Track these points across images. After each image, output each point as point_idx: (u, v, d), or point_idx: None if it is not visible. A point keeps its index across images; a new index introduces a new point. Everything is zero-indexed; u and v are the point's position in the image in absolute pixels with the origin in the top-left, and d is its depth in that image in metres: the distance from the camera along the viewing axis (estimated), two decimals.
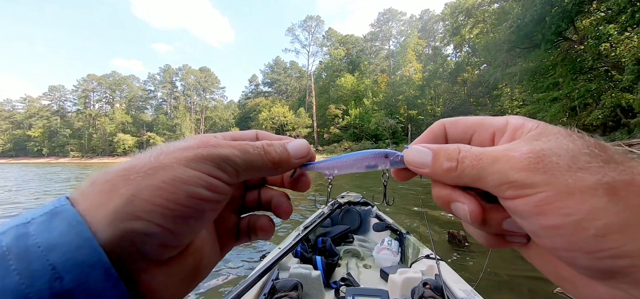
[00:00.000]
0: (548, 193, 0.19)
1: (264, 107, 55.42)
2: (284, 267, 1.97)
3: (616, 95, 12.26)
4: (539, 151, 0.21)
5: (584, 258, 0.19)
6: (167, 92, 73.88)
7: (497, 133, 0.27)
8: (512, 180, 0.21)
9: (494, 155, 0.23)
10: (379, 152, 0.31)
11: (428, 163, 0.26)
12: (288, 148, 0.29)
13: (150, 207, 0.20)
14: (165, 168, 0.22)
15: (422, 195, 6.70)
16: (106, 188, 0.20)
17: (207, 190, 0.23)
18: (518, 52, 17.64)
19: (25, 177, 18.39)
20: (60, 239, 0.18)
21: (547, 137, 0.22)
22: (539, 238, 0.22)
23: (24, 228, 0.18)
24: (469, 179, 0.24)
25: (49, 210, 0.19)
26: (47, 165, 43.13)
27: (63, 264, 0.17)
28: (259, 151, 0.27)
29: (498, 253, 3.91)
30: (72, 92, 74.10)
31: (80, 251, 0.18)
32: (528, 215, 0.21)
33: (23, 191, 11.40)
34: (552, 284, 2.43)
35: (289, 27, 60.95)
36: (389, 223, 2.89)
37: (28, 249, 0.17)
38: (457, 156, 0.25)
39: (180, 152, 0.23)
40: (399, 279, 1.73)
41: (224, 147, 0.25)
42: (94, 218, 0.19)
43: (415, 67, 48.61)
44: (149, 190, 0.20)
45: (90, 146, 69.29)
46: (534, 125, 0.24)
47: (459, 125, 0.29)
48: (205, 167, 0.23)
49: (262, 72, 71.86)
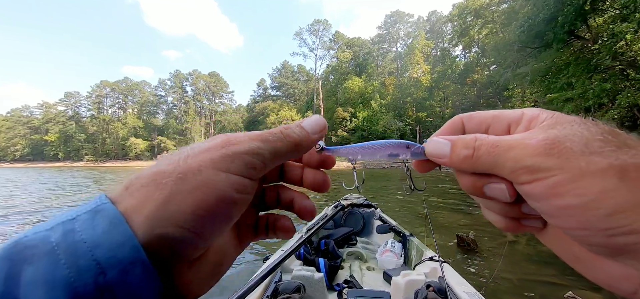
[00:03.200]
0: (562, 176, 0.20)
1: (272, 110, 55.90)
2: (287, 269, 1.99)
3: (632, 94, 11.87)
4: (554, 137, 0.22)
5: (596, 236, 0.20)
6: (178, 96, 75.28)
7: (512, 125, 0.28)
8: (527, 165, 0.22)
9: (510, 142, 0.24)
10: (401, 142, 0.32)
11: (446, 152, 0.28)
12: (304, 126, 0.30)
13: (182, 213, 0.21)
14: (195, 172, 0.22)
15: (426, 198, 6.64)
16: (140, 193, 0.21)
17: (236, 192, 0.24)
18: (529, 52, 17.30)
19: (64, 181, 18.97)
20: (103, 236, 0.19)
21: (562, 125, 0.23)
22: (553, 219, 0.22)
23: (70, 225, 0.19)
24: (486, 166, 0.25)
25: (92, 207, 0.20)
26: (64, 169, 44.42)
27: (106, 260, 0.18)
28: (278, 135, 0.27)
29: (509, 257, 3.83)
30: (86, 97, 76.44)
31: (121, 248, 0.19)
32: (543, 197, 0.22)
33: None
34: (563, 288, 2.38)
35: (297, 31, 61.40)
36: (392, 225, 2.87)
37: (75, 244, 0.18)
38: (473, 145, 0.26)
39: (207, 154, 0.24)
40: (402, 281, 1.72)
41: (245, 141, 0.25)
42: (133, 221, 0.20)
43: (423, 69, 48.17)
44: (180, 196, 0.21)
45: (104, 150, 71.19)
46: (548, 115, 0.25)
47: (475, 118, 0.30)
48: (233, 167, 0.24)
49: (270, 76, 72.51)
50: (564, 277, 3.13)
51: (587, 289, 2.80)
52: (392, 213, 3.62)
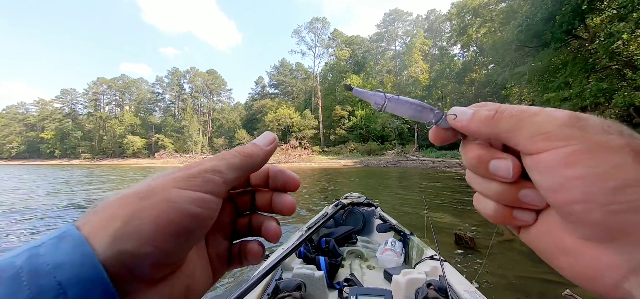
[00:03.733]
0: (578, 146, 0.21)
1: (270, 108, 55.63)
2: (288, 267, 1.98)
3: (629, 94, 11.95)
4: (577, 114, 0.23)
5: (597, 211, 0.20)
6: (175, 94, 74.88)
7: None
8: (548, 130, 0.22)
9: (536, 110, 0.24)
10: (426, 105, 0.32)
11: (469, 114, 0.28)
12: (256, 142, 0.32)
13: (144, 227, 0.22)
14: (157, 191, 0.23)
15: (426, 197, 6.68)
16: (107, 214, 0.22)
17: (197, 207, 0.24)
18: (527, 51, 17.40)
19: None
20: (65, 258, 0.19)
21: (583, 114, 0.24)
22: (555, 194, 0.22)
23: (35, 250, 0.20)
24: (506, 128, 0.25)
25: (58, 234, 0.21)
26: (59, 166, 44.14)
27: (67, 280, 0.18)
28: (233, 153, 0.29)
29: (507, 255, 3.86)
30: (83, 95, 75.79)
31: (82, 268, 0.19)
32: (553, 167, 0.22)
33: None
34: (561, 286, 2.37)
35: (295, 29, 61.00)
36: (392, 224, 2.87)
37: (38, 267, 0.19)
38: (496, 108, 0.26)
39: (169, 176, 0.25)
40: (402, 280, 1.73)
41: (206, 162, 0.27)
42: (95, 240, 0.20)
43: (422, 68, 48.19)
44: (142, 212, 0.22)
45: (101, 148, 70.70)
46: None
47: None
48: (193, 183, 0.25)
49: (268, 74, 72.20)
50: (561, 275, 3.16)
51: None
52: (392, 213, 3.63)
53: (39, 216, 6.89)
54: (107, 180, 17.46)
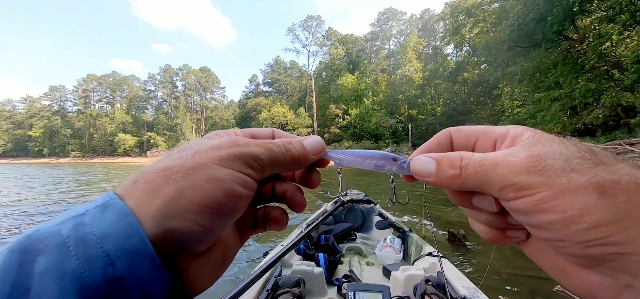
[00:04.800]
0: (545, 193, 0.21)
1: (264, 106, 55.35)
2: (287, 264, 1.98)
3: (616, 94, 12.23)
4: (536, 155, 0.23)
5: (575, 247, 0.21)
6: (168, 92, 73.80)
7: (498, 140, 0.29)
8: (512, 183, 0.23)
9: (495, 160, 0.25)
10: (388, 155, 0.32)
11: (432, 172, 0.28)
12: (305, 145, 0.32)
13: (191, 206, 0.22)
14: (203, 168, 0.23)
15: (425, 193, 6.71)
16: (149, 188, 0.22)
17: (241, 187, 0.25)
18: (518, 51, 17.63)
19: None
20: (111, 229, 0.19)
21: (543, 143, 0.24)
22: (537, 232, 0.24)
23: (80, 219, 0.20)
24: (473, 184, 0.26)
25: (101, 203, 0.21)
26: (48, 165, 43.12)
27: (115, 252, 0.19)
28: (281, 148, 0.29)
29: (499, 252, 3.91)
30: (72, 92, 74.14)
31: (129, 240, 0.19)
32: (527, 212, 0.23)
33: None
34: (552, 282, 2.46)
35: (290, 27, 60.76)
36: (391, 221, 2.89)
37: (85, 237, 0.19)
38: (459, 164, 0.26)
39: (215, 152, 0.25)
40: (401, 276, 1.74)
41: (252, 145, 0.27)
42: (140, 213, 0.21)
43: (416, 67, 48.47)
44: (189, 190, 0.22)
45: (91, 146, 69.34)
46: (531, 133, 0.26)
47: (464, 132, 0.31)
48: (237, 165, 0.25)
49: (263, 72, 71.81)
50: None
51: None
52: (391, 206, 3.65)
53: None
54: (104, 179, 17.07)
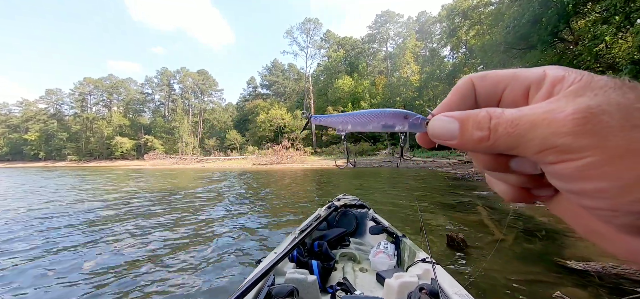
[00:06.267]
0: (597, 157, 0.18)
1: (262, 109, 55.33)
2: (280, 272, 1.96)
3: None
4: (586, 109, 0.19)
5: (625, 218, 0.19)
6: (165, 94, 73.71)
7: (532, 88, 0.24)
8: (555, 145, 0.19)
9: (532, 118, 0.20)
10: (398, 112, 0.28)
11: (456, 134, 0.24)
12: None
13: None
14: None
15: (417, 194, 6.72)
16: None
17: None
18: (514, 53, 17.74)
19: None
20: None
21: (594, 91, 0.19)
22: (578, 198, 0.20)
23: None
24: (504, 147, 0.22)
25: None
26: (44, 169, 42.79)
27: None
28: None
29: (498, 256, 3.90)
30: (69, 95, 73.96)
31: None
32: (570, 178, 0.19)
33: None
34: (551, 287, 2.41)
35: (288, 30, 60.80)
36: (385, 226, 2.88)
37: None
38: (488, 125, 0.22)
39: None
40: (395, 284, 1.72)
41: None
42: None
43: (413, 69, 48.71)
44: None
45: (88, 149, 69.01)
46: (577, 76, 0.21)
47: (489, 79, 0.26)
48: None
49: (260, 74, 71.89)
50: (552, 275, 3.21)
51: (576, 286, 2.89)
52: (383, 214, 3.63)
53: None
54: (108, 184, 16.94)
